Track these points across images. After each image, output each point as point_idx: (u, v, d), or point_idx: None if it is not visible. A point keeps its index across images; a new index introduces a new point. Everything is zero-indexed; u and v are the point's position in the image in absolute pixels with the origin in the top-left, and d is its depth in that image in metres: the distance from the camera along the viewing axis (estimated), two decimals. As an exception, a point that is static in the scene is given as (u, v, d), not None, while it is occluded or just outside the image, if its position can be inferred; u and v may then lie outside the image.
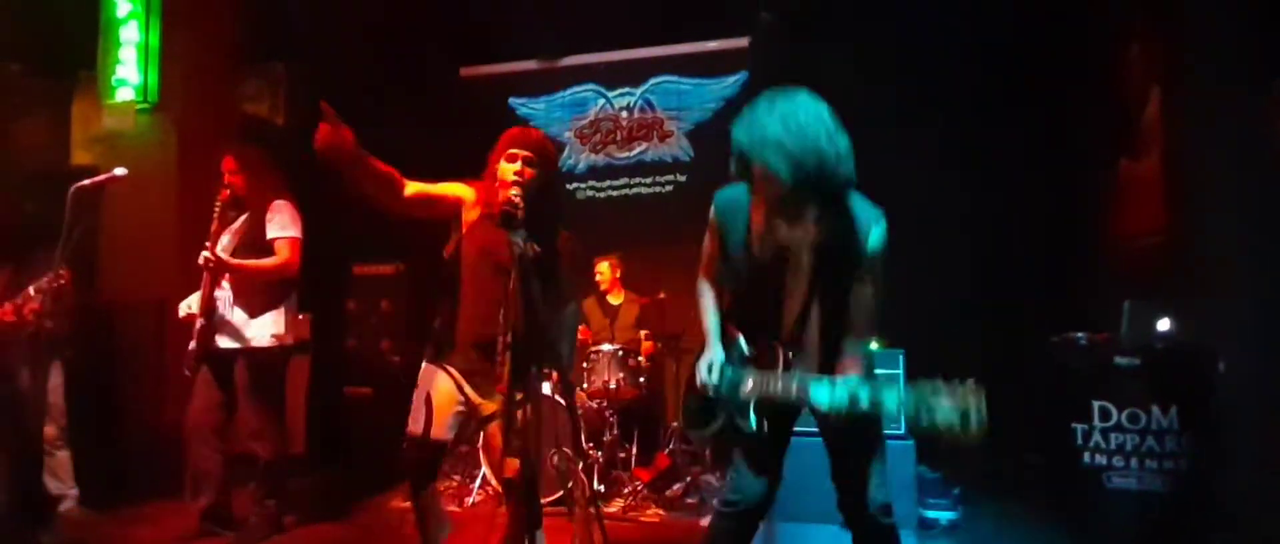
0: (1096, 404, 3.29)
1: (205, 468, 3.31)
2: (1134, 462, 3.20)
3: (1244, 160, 3.33)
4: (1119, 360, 3.29)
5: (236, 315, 3.30)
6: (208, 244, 3.17)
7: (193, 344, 3.28)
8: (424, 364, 2.46)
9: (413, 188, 2.39)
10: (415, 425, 2.37)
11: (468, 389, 2.40)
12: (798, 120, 1.87)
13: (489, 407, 2.40)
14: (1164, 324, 3.35)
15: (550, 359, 2.30)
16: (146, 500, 3.83)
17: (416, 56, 6.22)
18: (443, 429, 2.38)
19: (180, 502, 3.47)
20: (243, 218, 3.35)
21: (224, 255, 3.19)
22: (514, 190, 2.22)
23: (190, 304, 3.34)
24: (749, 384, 2.06)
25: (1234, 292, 3.28)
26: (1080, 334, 3.53)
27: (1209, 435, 3.10)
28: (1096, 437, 3.29)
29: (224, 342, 3.30)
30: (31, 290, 3.33)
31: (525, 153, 2.35)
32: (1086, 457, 3.30)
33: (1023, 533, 3.64)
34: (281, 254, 3.30)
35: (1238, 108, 3.37)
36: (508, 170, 2.32)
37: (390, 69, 6.11)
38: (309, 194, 5.65)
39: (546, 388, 4.27)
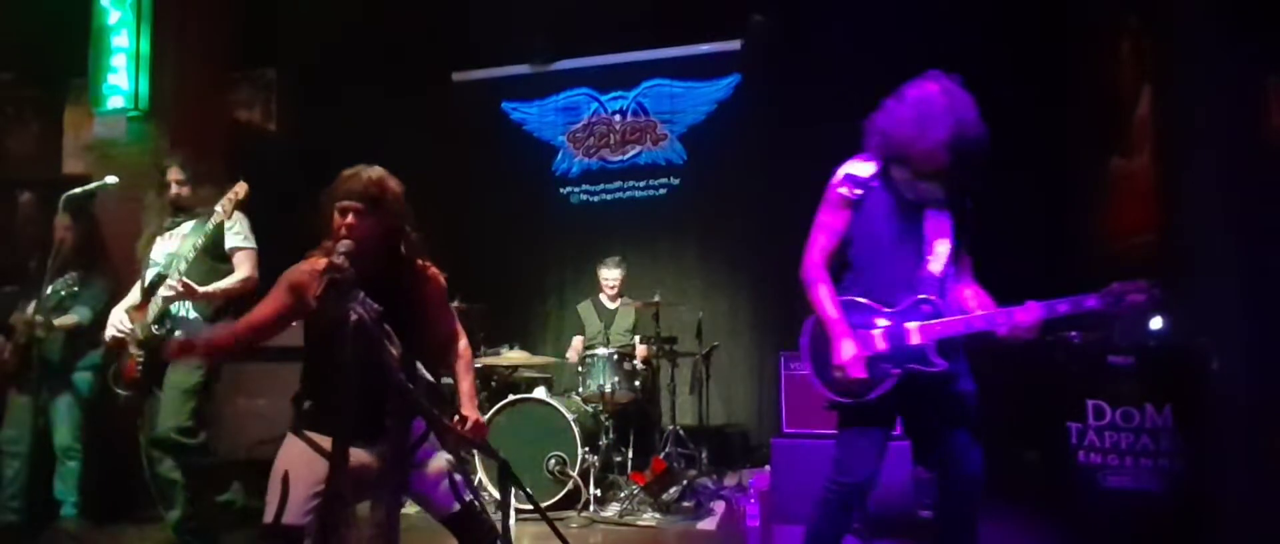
0: (1090, 403, 3.29)
1: (172, 478, 3.26)
2: (1128, 460, 3.21)
3: (1236, 158, 3.34)
4: (1112, 359, 3.30)
5: (200, 319, 3.20)
6: (177, 278, 3.02)
7: (136, 354, 3.10)
8: (287, 438, 2.15)
9: (251, 323, 2.21)
10: (269, 513, 2.01)
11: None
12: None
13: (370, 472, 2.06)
14: (1157, 323, 3.37)
15: (434, 405, 2.04)
16: (141, 513, 3.80)
17: (408, 61, 6.23)
18: (298, 513, 2.02)
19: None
20: (191, 224, 3.25)
21: (181, 276, 3.04)
22: (341, 248, 1.95)
23: (120, 324, 3.16)
24: (918, 329, 2.21)
25: (1226, 290, 3.29)
26: (1074, 333, 3.54)
27: (1202, 433, 3.11)
28: (1091, 435, 3.29)
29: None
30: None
31: (352, 203, 2.07)
32: (1081, 455, 3.31)
33: (1019, 532, 3.64)
34: (242, 268, 3.23)
35: (1230, 106, 3.38)
36: (338, 223, 2.07)
37: (382, 74, 6.11)
38: (301, 202, 5.64)
39: (542, 392, 4.28)
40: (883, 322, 2.25)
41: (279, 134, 5.96)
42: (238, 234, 3.28)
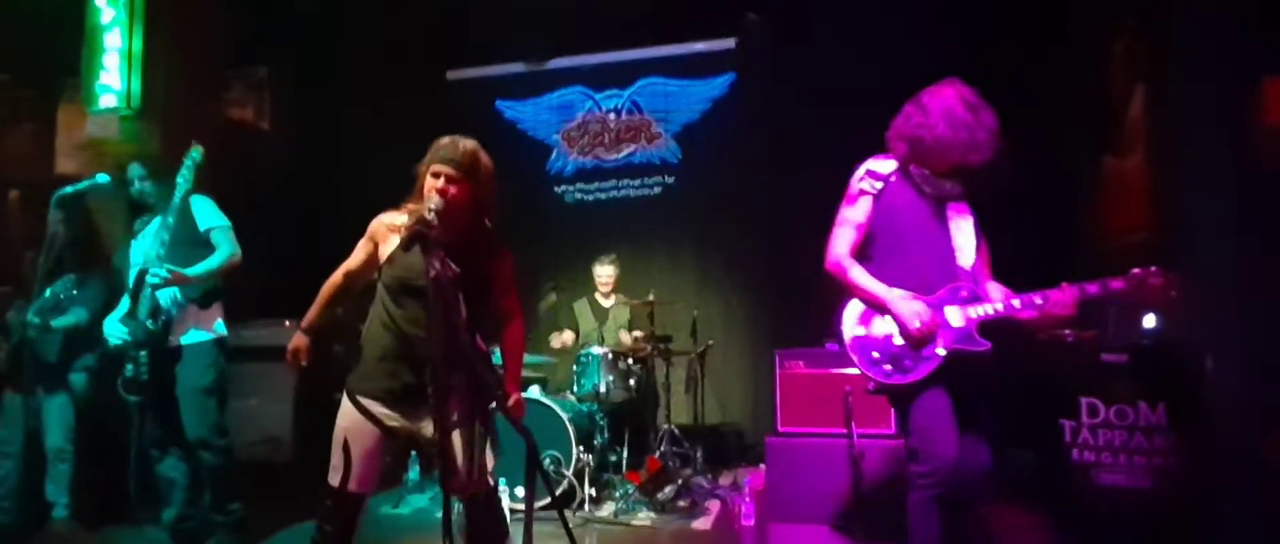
0: (1084, 400, 3.30)
1: (172, 477, 3.26)
2: (1122, 458, 3.22)
3: (1230, 158, 3.35)
4: (1106, 357, 3.31)
5: (193, 308, 3.22)
6: (168, 272, 3.04)
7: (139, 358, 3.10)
8: (343, 400, 2.22)
9: (346, 269, 2.39)
10: (334, 475, 2.17)
11: (394, 421, 2.19)
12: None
13: (426, 431, 2.19)
14: (1150, 321, 3.38)
15: (484, 378, 2.12)
16: (132, 515, 3.78)
17: (402, 59, 6.21)
18: (366, 481, 2.20)
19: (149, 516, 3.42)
20: (156, 221, 3.24)
21: (163, 265, 3.06)
22: (432, 204, 2.06)
23: (118, 331, 3.13)
24: (956, 313, 2.30)
25: (1220, 289, 3.30)
26: (1068, 331, 3.55)
27: (1196, 431, 3.12)
28: (1084, 433, 3.30)
29: (182, 338, 3.20)
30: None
31: (447, 169, 2.18)
32: (1075, 453, 3.32)
33: (1013, 529, 3.65)
34: (223, 245, 3.23)
35: (1224, 105, 3.39)
36: (431, 186, 2.18)
37: (375, 72, 6.09)
38: (295, 199, 5.63)
39: (537, 392, 4.28)
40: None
41: (272, 132, 5.94)
42: (207, 214, 3.26)
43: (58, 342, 3.64)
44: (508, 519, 2.46)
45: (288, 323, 4.53)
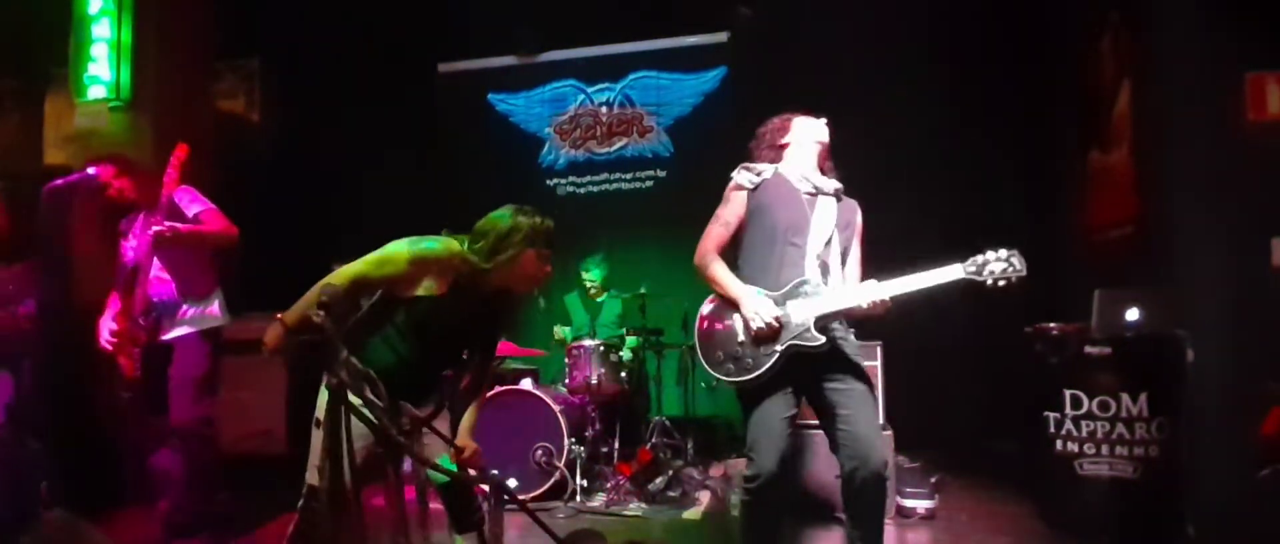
0: (1068, 392, 3.35)
1: (166, 468, 3.27)
2: (1104, 448, 3.27)
3: (1213, 152, 3.40)
4: (1089, 349, 3.36)
5: (186, 304, 3.22)
6: (154, 230, 3.03)
7: (133, 352, 3.10)
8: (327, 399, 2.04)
9: (357, 279, 2.20)
10: (319, 475, 2.01)
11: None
12: None
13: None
14: (1133, 314, 3.42)
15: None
16: (124, 505, 3.78)
17: (394, 51, 6.19)
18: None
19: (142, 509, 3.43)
20: (140, 218, 3.22)
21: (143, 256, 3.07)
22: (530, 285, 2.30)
23: (110, 330, 3.13)
24: (799, 308, 2.34)
25: (1201, 281, 3.35)
26: (1052, 324, 3.60)
27: (1177, 422, 3.18)
28: (1068, 424, 3.35)
29: (175, 332, 3.21)
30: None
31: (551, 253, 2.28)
32: (1059, 444, 3.37)
33: (997, 519, 3.71)
34: (216, 222, 3.21)
35: (1208, 100, 3.44)
36: (539, 269, 2.26)
37: (367, 64, 6.08)
38: (286, 192, 5.61)
39: (529, 384, 4.30)
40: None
41: (262, 124, 5.92)
42: (192, 202, 3.23)
43: None
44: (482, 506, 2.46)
45: (278, 315, 4.52)
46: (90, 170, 3.38)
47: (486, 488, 2.56)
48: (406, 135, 6.30)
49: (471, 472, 2.30)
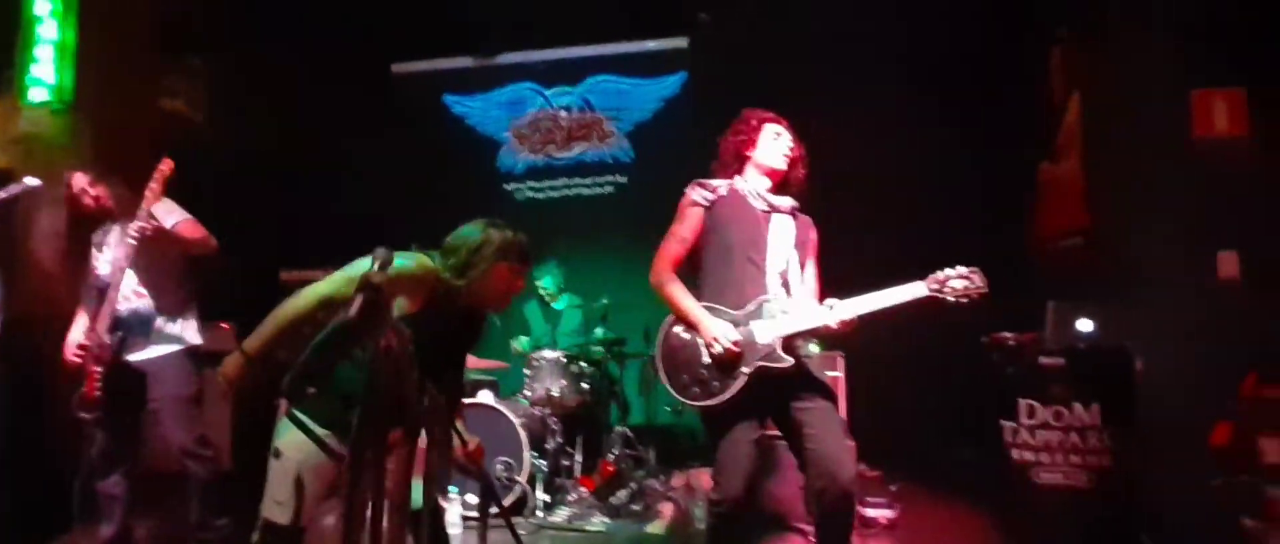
0: (1023, 402, 3.41)
1: (114, 493, 3.11)
2: (1058, 457, 3.33)
3: (1161, 166, 3.50)
4: (1043, 360, 3.42)
5: (162, 321, 3.10)
6: (138, 225, 2.88)
7: (94, 372, 2.95)
8: (289, 430, 1.96)
9: (326, 299, 2.06)
10: (282, 513, 1.95)
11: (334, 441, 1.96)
12: None
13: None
14: (1085, 325, 3.50)
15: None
16: (68, 530, 3.59)
17: (345, 51, 6.01)
18: (307, 515, 1.99)
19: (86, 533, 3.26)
20: (116, 228, 3.09)
21: (120, 264, 2.93)
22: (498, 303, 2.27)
23: (76, 349, 3.00)
24: (764, 328, 2.32)
25: (1151, 293, 3.44)
26: (1009, 334, 3.65)
27: (1129, 432, 3.25)
28: (1024, 433, 3.41)
29: (149, 352, 3.08)
30: None
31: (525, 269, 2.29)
32: (1015, 453, 3.42)
33: (954, 527, 3.76)
34: (194, 232, 3.11)
35: (1155, 115, 3.53)
36: (511, 284, 2.25)
37: (317, 64, 5.89)
38: (233, 196, 5.41)
39: (489, 397, 4.22)
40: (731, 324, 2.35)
41: (208, 125, 5.70)
42: (170, 213, 3.10)
43: None
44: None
45: (224, 325, 4.37)
46: (29, 181, 3.21)
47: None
48: (359, 137, 6.14)
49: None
